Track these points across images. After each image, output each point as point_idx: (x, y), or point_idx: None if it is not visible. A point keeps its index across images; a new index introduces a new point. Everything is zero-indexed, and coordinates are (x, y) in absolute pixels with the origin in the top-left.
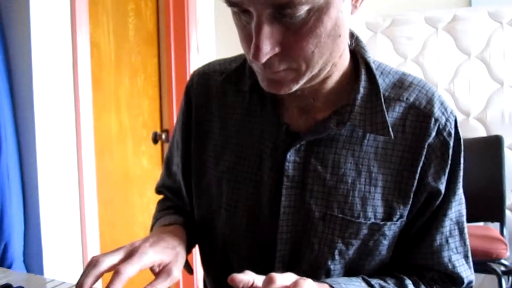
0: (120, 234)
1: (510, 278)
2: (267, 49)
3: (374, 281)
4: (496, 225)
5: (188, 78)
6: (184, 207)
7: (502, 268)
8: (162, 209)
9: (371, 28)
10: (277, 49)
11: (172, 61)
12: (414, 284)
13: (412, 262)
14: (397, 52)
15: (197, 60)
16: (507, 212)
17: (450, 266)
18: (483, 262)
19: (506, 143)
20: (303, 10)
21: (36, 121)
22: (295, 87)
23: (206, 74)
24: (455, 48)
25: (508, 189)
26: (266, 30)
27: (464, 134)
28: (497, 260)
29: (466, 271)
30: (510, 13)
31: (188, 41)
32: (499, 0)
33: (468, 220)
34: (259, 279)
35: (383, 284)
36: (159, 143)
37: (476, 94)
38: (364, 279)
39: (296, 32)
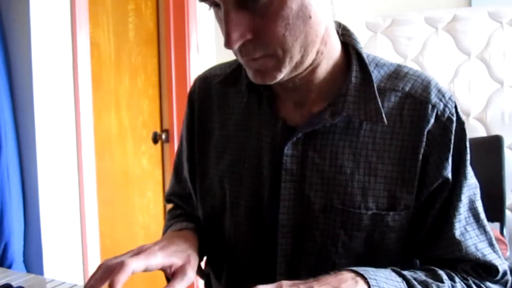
0: (120, 234)
1: (510, 278)
2: (237, 36)
3: (404, 272)
4: (496, 225)
5: (188, 78)
6: (194, 213)
7: None
8: (173, 217)
9: (371, 28)
10: (248, 36)
11: (172, 61)
12: (447, 275)
13: (440, 258)
14: (397, 52)
15: (197, 60)
16: (507, 212)
17: (479, 254)
18: None
19: (506, 143)
20: None
21: (36, 121)
22: (280, 76)
23: (207, 79)
24: (455, 48)
25: (508, 189)
26: (233, 16)
27: None
28: None
29: (497, 260)
30: (510, 13)
31: (188, 41)
32: (499, 0)
33: None
34: None
35: (414, 275)
36: (159, 143)
37: (476, 94)
38: (393, 269)
39: (263, 16)
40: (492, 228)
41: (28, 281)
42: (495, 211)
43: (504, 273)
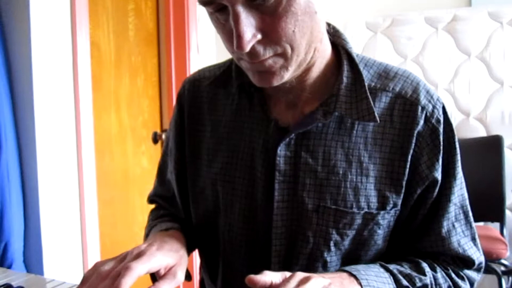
0: (120, 234)
1: (510, 278)
2: (249, 37)
3: (391, 266)
4: (496, 225)
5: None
6: (178, 214)
7: (502, 268)
8: (156, 217)
9: (371, 28)
10: (259, 36)
11: (172, 61)
12: (429, 266)
13: (424, 250)
14: (397, 52)
15: (197, 60)
16: (507, 212)
17: (460, 250)
18: None
19: (506, 143)
20: None
21: (36, 121)
22: (287, 76)
23: (196, 81)
24: (455, 48)
25: (508, 189)
26: (244, 18)
27: (464, 134)
28: (497, 260)
29: (476, 253)
30: (510, 13)
31: (188, 41)
32: (499, 0)
33: None
34: (276, 278)
35: (400, 268)
36: (159, 143)
37: (476, 94)
38: (381, 265)
39: (273, 15)
40: (492, 228)
41: (28, 281)
42: (495, 211)
43: (480, 263)
